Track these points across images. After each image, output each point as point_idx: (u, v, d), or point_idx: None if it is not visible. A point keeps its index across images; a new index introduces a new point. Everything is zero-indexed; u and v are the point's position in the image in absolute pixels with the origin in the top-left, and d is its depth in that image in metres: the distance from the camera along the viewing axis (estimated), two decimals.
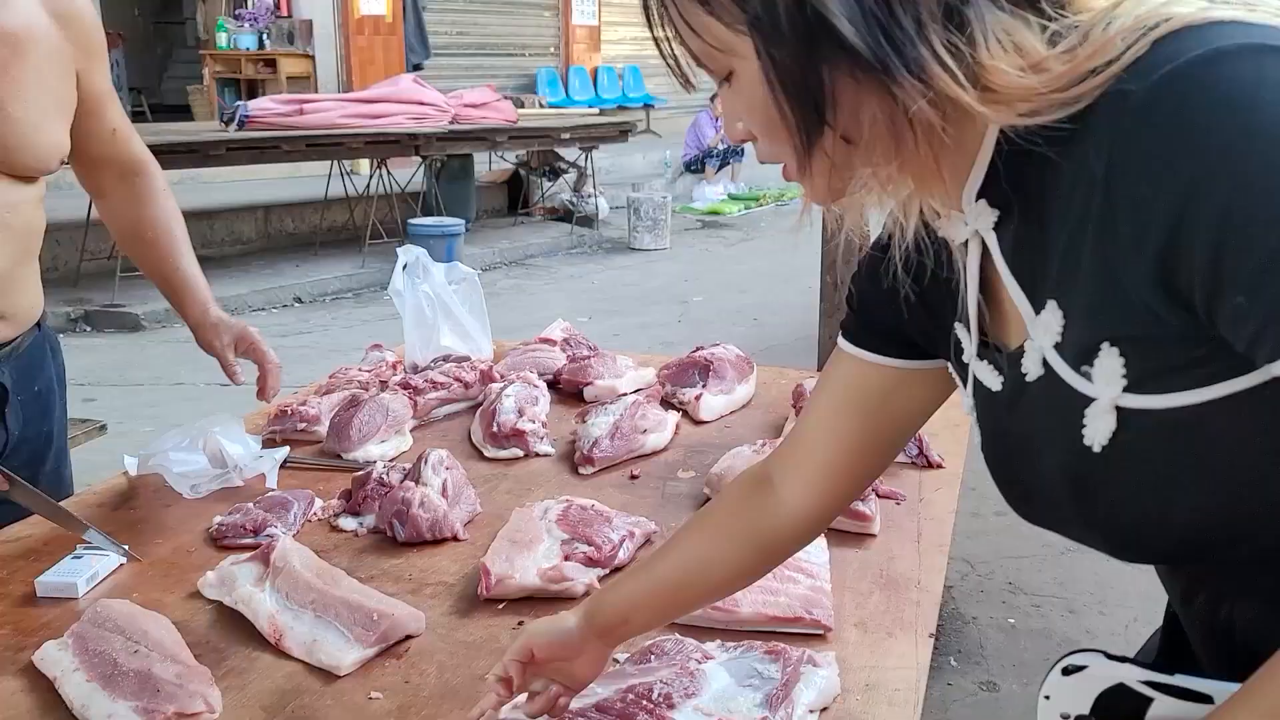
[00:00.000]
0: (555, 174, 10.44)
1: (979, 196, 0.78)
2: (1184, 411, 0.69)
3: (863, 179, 0.77)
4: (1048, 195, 0.73)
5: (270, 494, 1.70)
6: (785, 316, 6.34)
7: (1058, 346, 0.75)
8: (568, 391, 2.32)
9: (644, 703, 1.08)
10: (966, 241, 0.82)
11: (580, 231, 9.82)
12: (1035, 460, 0.81)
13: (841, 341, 1.01)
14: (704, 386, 2.24)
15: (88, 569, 1.42)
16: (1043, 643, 2.93)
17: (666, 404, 2.22)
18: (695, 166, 11.95)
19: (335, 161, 8.14)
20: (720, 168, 11.92)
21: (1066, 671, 0.83)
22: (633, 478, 1.87)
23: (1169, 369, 0.69)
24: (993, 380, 0.84)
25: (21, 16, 1.45)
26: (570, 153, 10.28)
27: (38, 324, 1.66)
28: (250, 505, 1.63)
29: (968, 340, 0.87)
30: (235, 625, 1.33)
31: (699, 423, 2.16)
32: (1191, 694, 0.78)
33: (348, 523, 1.65)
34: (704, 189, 11.66)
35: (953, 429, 2.10)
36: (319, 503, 1.70)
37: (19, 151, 1.45)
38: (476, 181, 9.88)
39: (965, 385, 0.91)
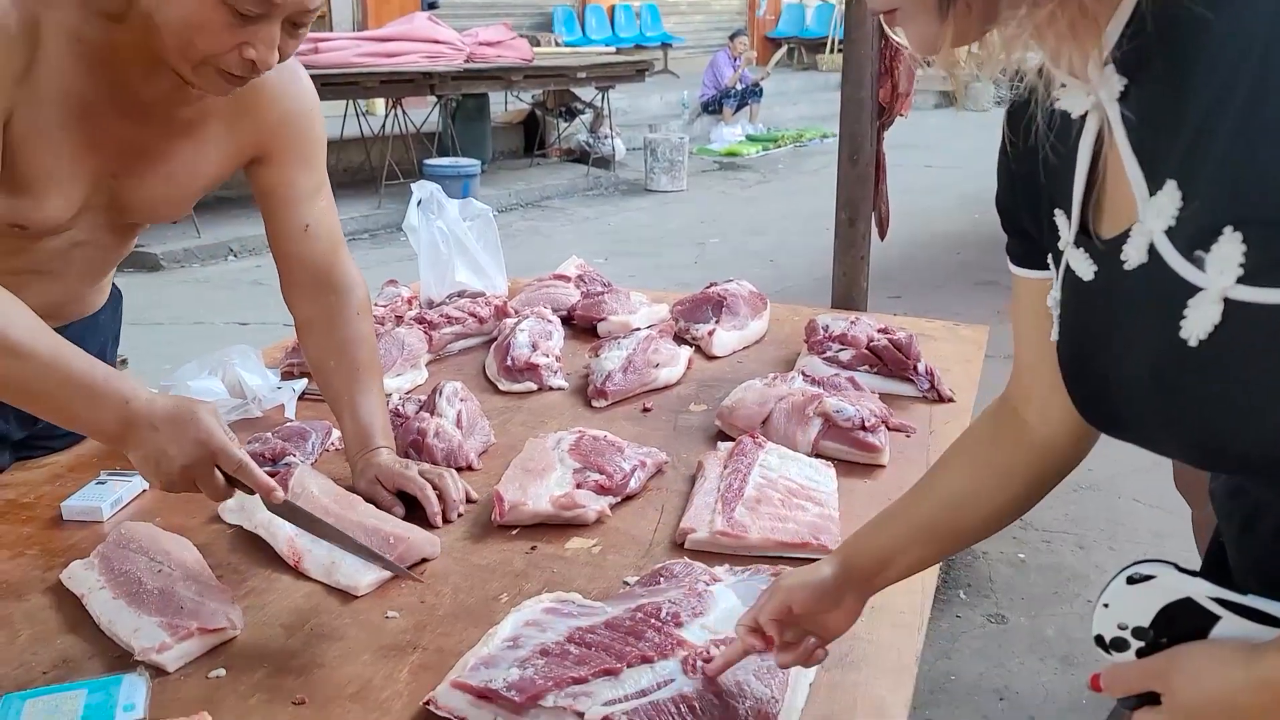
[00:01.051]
0: (571, 114, 10.35)
1: (1111, 59, 0.74)
2: None
3: (1005, 25, 0.73)
4: (1190, 59, 0.68)
5: (288, 424, 1.73)
6: (802, 258, 6.31)
7: (1169, 231, 0.71)
8: (581, 327, 2.34)
9: (653, 620, 1.11)
10: (1085, 115, 0.79)
11: (596, 173, 9.76)
12: (1119, 357, 0.77)
13: (1010, 266, 0.98)
14: (717, 322, 2.25)
15: (111, 494, 1.45)
16: (1051, 577, 2.96)
17: (680, 339, 2.23)
18: (713, 107, 11.82)
19: (350, 101, 8.10)
20: (738, 109, 11.78)
21: (1131, 580, 0.80)
22: (645, 411, 1.89)
23: None
24: (1086, 269, 0.81)
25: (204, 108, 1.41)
26: (586, 93, 10.17)
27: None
28: (269, 435, 1.66)
29: (1066, 226, 0.84)
30: (255, 548, 1.37)
31: (711, 358, 2.17)
32: (1261, 616, 0.76)
33: None
34: (721, 130, 11.54)
35: (965, 364, 2.11)
36: (336, 433, 1.73)
37: (166, 211, 1.51)
38: (492, 122, 9.81)
39: (1058, 276, 0.87)
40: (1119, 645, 0.82)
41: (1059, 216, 0.85)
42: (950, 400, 1.91)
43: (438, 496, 1.45)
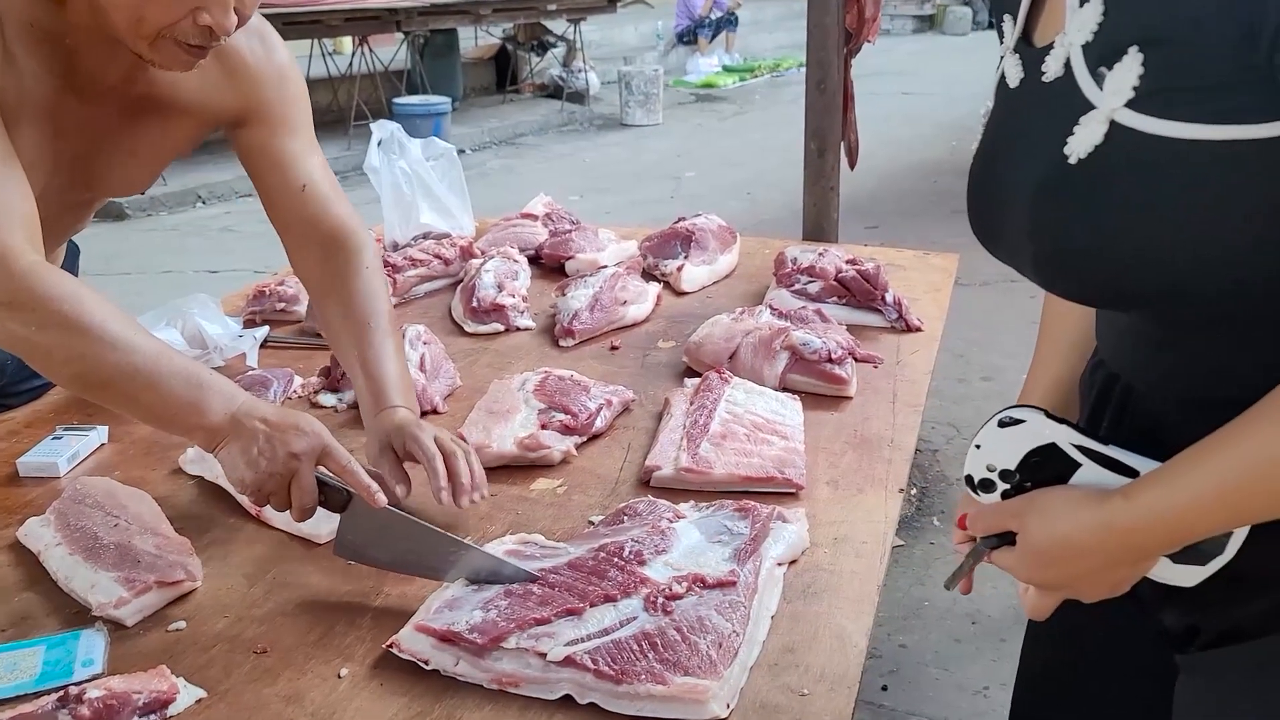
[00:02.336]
0: (543, 48, 10.16)
1: None
2: (1174, 145, 0.68)
3: None
4: None
5: (250, 372, 1.71)
6: (779, 190, 6.25)
7: (1085, 46, 0.73)
8: (549, 266, 2.31)
9: (615, 559, 1.10)
10: None
11: (570, 108, 9.61)
12: (1013, 170, 0.80)
13: None
14: (686, 258, 2.22)
15: (68, 449, 1.43)
16: None
17: (648, 276, 2.21)
18: (688, 38, 11.63)
19: (315, 40, 7.92)
20: (713, 38, 11.59)
21: (1003, 424, 0.84)
22: (613, 349, 1.87)
23: (1183, 90, 0.67)
24: (1015, 76, 0.83)
25: (169, 85, 1.34)
26: (558, 25, 9.98)
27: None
28: None
29: (1010, 32, 0.86)
30: (217, 499, 1.36)
31: (681, 293, 2.16)
32: (1119, 466, 0.79)
33: (327, 399, 1.66)
34: (697, 61, 11.36)
35: (934, 293, 2.10)
36: (298, 380, 1.71)
37: (131, 187, 1.45)
38: (462, 58, 9.63)
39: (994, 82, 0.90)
40: (987, 486, 0.86)
41: (1006, 21, 0.87)
42: (918, 329, 1.90)
43: (448, 473, 1.26)
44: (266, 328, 1.91)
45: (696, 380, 1.61)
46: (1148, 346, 0.84)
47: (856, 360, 1.71)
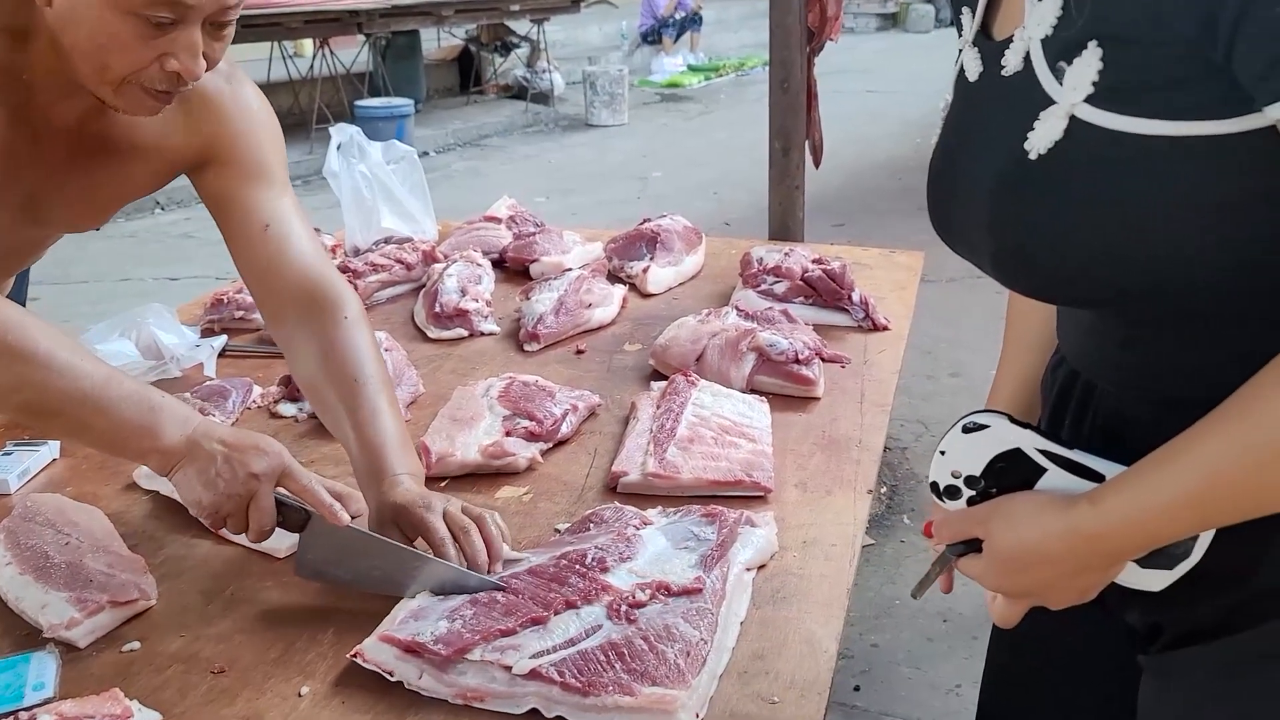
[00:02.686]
0: (507, 49, 10.12)
1: None
2: (1134, 141, 0.68)
3: None
4: None
5: (208, 383, 1.68)
6: (745, 189, 6.25)
7: (1045, 41, 0.73)
8: (514, 270, 2.28)
9: (577, 566, 1.09)
10: None
11: (535, 109, 9.58)
12: (972, 165, 0.80)
13: None
14: (651, 259, 2.21)
15: (18, 465, 1.39)
16: None
17: (614, 278, 2.19)
18: (652, 38, 11.62)
19: (275, 43, 7.83)
20: (678, 37, 11.60)
21: (967, 429, 0.83)
22: (579, 353, 1.85)
23: (1143, 86, 0.67)
24: (974, 69, 0.83)
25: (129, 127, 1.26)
26: (521, 26, 9.94)
27: None
28: (188, 395, 1.60)
29: (969, 25, 0.85)
30: (172, 514, 1.32)
31: (646, 295, 2.14)
32: (1085, 470, 0.79)
33: (287, 409, 1.63)
34: (662, 61, 11.36)
35: (900, 291, 2.10)
36: (258, 390, 1.68)
37: (86, 225, 1.38)
38: (425, 60, 9.57)
39: (953, 76, 0.89)
40: (952, 493, 0.85)
41: (965, 14, 0.86)
42: (885, 328, 1.90)
43: (477, 546, 1.12)
44: (224, 336, 1.87)
45: (663, 383, 1.60)
46: (1109, 344, 0.83)
47: (824, 360, 1.70)
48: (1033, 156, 0.72)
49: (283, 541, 1.23)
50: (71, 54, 1.08)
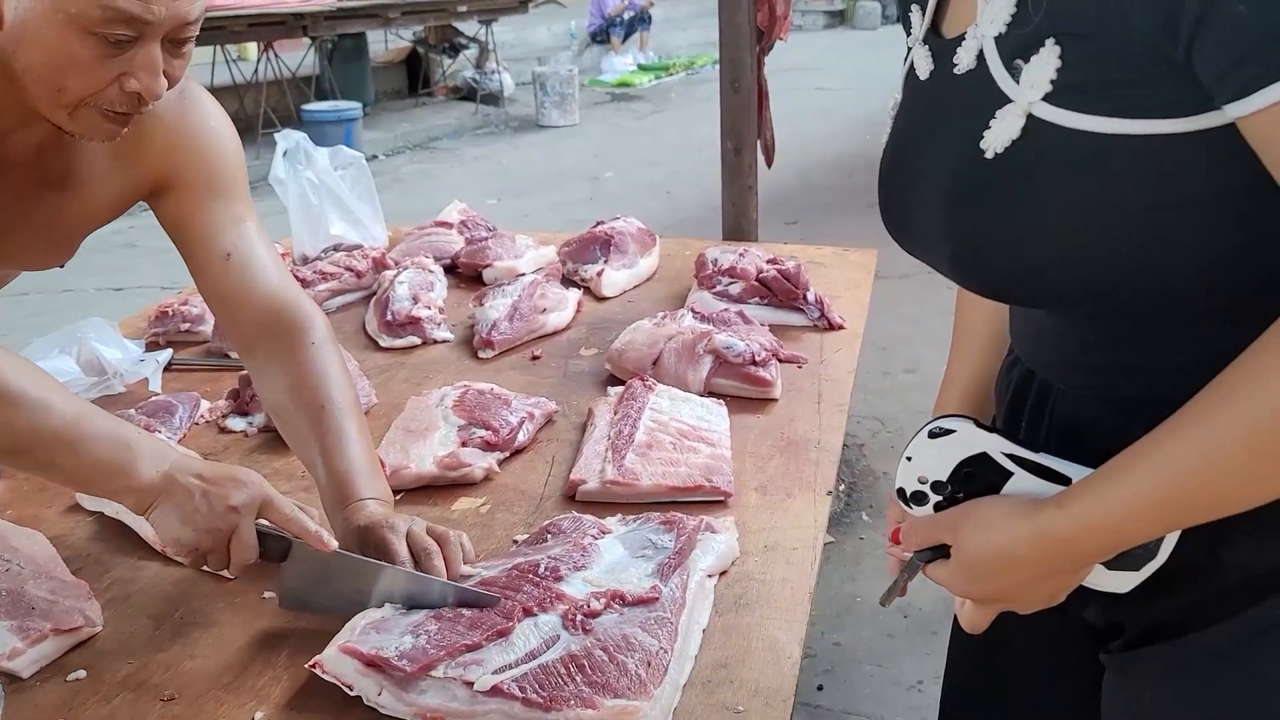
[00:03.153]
0: (455, 50, 10.04)
1: None
2: (1093, 140, 0.67)
3: None
4: None
5: (154, 399, 1.63)
6: (698, 188, 6.26)
7: (999, 38, 0.72)
8: (466, 275, 2.26)
9: (531, 576, 1.07)
10: None
11: (485, 110, 9.51)
12: (926, 164, 0.79)
13: None
14: (605, 262, 2.19)
15: None
16: None
17: (568, 282, 2.18)
18: (601, 37, 11.60)
19: (219, 47, 7.69)
20: (627, 36, 11.59)
21: (933, 435, 0.83)
22: (534, 359, 1.84)
23: (1101, 84, 0.66)
24: (925, 68, 0.82)
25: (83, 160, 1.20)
26: (469, 27, 9.87)
27: None
28: (132, 411, 1.56)
29: (919, 23, 0.84)
30: (118, 536, 1.28)
31: (602, 299, 2.13)
32: (1051, 474, 0.79)
33: (236, 423, 1.59)
34: (612, 60, 11.34)
35: (854, 289, 2.11)
36: (205, 404, 1.64)
37: (47, 262, 1.31)
38: (372, 62, 9.47)
39: (902, 75, 0.88)
40: (919, 499, 0.85)
41: (914, 12, 0.85)
42: (841, 327, 1.90)
43: (438, 568, 1.10)
44: (170, 350, 1.83)
45: (620, 388, 1.58)
46: (1066, 345, 0.83)
47: (780, 361, 1.70)
48: (989, 156, 0.72)
49: None
50: (24, 78, 1.02)
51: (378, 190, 2.48)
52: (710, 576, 1.15)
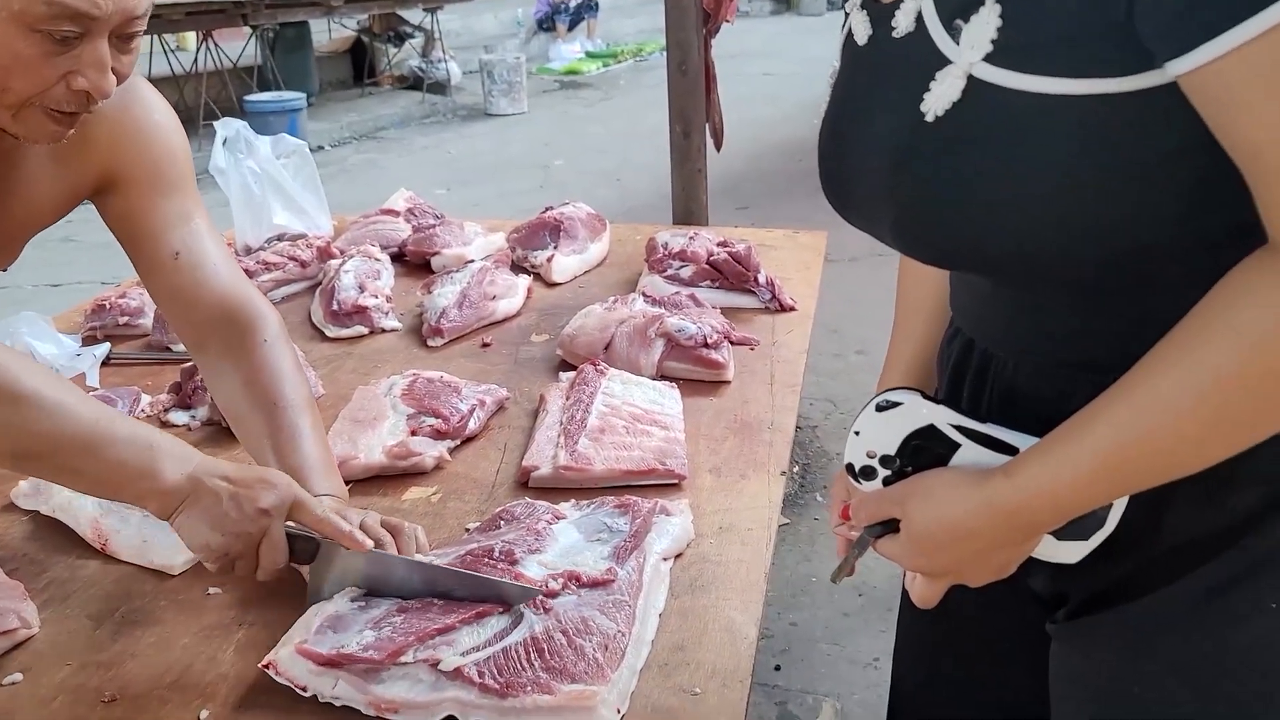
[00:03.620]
0: (400, 39, 9.91)
1: None
2: (1034, 100, 0.66)
3: None
4: None
5: (92, 393, 1.58)
6: (648, 175, 6.24)
7: (938, 1, 0.71)
8: (414, 263, 2.23)
9: (486, 560, 1.05)
10: None
11: (432, 99, 9.40)
12: (866, 130, 0.78)
13: None
14: (555, 248, 2.17)
15: None
16: None
17: (518, 268, 2.15)
18: (548, 24, 11.52)
19: (156, 36, 7.51)
20: (574, 24, 11.52)
21: (880, 408, 0.82)
22: (484, 346, 1.81)
23: (1043, 43, 0.66)
24: (863, 32, 0.80)
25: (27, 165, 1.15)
26: (414, 15, 9.75)
27: None
28: None
29: None
30: (55, 534, 1.25)
31: (552, 285, 2.11)
32: (998, 444, 0.78)
33: (179, 417, 1.55)
34: (560, 48, 11.27)
35: (805, 270, 2.11)
36: (146, 399, 1.60)
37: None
38: (316, 52, 9.30)
39: (840, 41, 0.86)
40: (868, 474, 0.84)
41: None
42: (792, 309, 1.90)
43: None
44: (108, 344, 1.78)
45: (572, 374, 1.57)
46: (1007, 311, 0.83)
47: (733, 343, 1.70)
48: (930, 119, 0.71)
49: (177, 557, 1.17)
50: None
51: (323, 181, 2.43)
52: (666, 559, 1.15)
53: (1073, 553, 0.79)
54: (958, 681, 1.07)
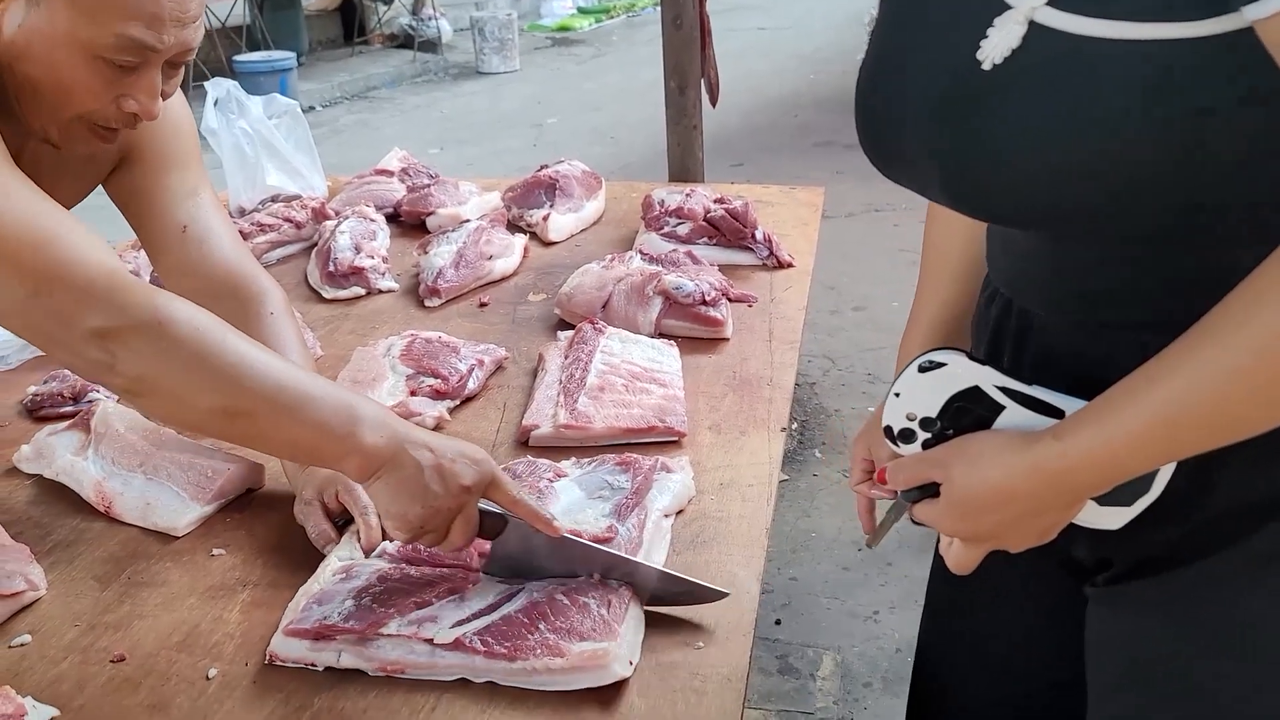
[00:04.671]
0: None
1: None
2: (1100, 47, 0.63)
3: None
4: None
5: (54, 371, 1.58)
6: (643, 132, 6.19)
7: None
8: (409, 224, 2.21)
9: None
10: None
11: (424, 58, 9.29)
12: (914, 81, 0.74)
13: None
14: (551, 206, 2.16)
15: None
16: None
17: (513, 227, 2.14)
18: None
19: None
20: None
21: (923, 369, 0.79)
22: (482, 306, 1.81)
23: None
24: None
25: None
26: None
27: None
28: (68, 372, 1.51)
29: None
30: (59, 498, 1.25)
31: (548, 244, 2.10)
32: (1044, 406, 0.76)
33: None
34: (551, 4, 11.11)
35: (802, 227, 2.10)
36: None
37: None
38: (305, 10, 9.17)
39: None
40: (906, 436, 0.82)
41: None
42: (790, 265, 1.90)
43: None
44: None
45: (570, 333, 1.57)
46: (1049, 271, 0.80)
47: (731, 301, 1.69)
48: (986, 67, 0.68)
49: (181, 518, 1.18)
50: (24, 87, 1.02)
51: (316, 143, 2.41)
52: (667, 516, 1.15)
53: (1115, 519, 0.77)
54: (986, 645, 1.04)
